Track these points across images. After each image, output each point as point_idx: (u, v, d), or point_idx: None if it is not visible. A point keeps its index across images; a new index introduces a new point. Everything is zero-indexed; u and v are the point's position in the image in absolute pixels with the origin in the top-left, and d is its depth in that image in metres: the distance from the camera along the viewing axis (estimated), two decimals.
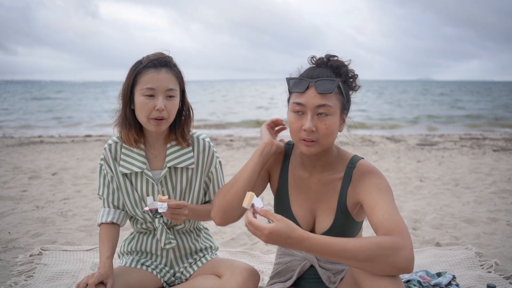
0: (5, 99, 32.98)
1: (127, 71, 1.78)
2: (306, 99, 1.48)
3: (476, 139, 9.39)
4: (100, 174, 1.89)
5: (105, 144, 1.89)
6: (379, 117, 17.27)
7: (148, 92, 1.71)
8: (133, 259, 1.93)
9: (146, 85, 1.71)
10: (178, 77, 1.78)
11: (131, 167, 1.84)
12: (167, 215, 1.71)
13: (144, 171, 1.83)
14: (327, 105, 1.46)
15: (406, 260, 1.29)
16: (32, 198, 4.16)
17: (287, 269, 1.77)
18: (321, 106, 1.46)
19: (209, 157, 1.91)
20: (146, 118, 1.73)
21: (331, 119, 1.48)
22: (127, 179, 1.86)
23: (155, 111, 1.71)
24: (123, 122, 1.80)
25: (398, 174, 5.39)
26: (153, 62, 1.73)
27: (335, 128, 1.50)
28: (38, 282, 2.25)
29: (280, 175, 1.72)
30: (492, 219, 3.44)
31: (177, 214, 1.71)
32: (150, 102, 1.71)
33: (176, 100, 1.77)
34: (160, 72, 1.72)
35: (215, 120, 16.14)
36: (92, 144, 8.68)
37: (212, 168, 1.92)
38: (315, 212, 1.66)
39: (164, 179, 1.85)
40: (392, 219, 1.38)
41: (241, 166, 6.69)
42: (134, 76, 1.74)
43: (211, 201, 1.97)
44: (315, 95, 1.47)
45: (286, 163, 1.71)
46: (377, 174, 1.53)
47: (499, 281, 2.23)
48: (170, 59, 1.78)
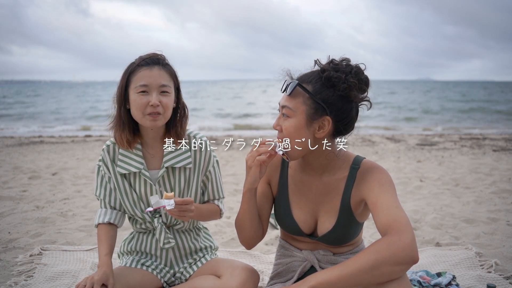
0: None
1: (121, 73, 1.79)
2: (280, 100, 1.55)
3: (476, 139, 9.39)
4: (98, 175, 1.89)
5: (103, 145, 1.89)
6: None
7: (141, 88, 1.72)
8: (133, 259, 1.93)
9: (139, 83, 1.72)
10: (171, 75, 1.80)
11: (128, 167, 1.84)
12: (174, 213, 1.67)
13: (141, 171, 1.83)
14: (287, 106, 1.50)
15: (407, 252, 1.30)
16: (32, 198, 4.16)
17: (288, 270, 1.77)
18: (283, 107, 1.51)
19: (206, 156, 1.91)
20: (141, 115, 1.73)
21: (290, 122, 1.49)
22: (126, 179, 1.86)
23: (149, 107, 1.72)
24: (117, 124, 1.80)
25: (398, 174, 5.39)
26: (145, 61, 1.76)
27: (295, 132, 1.49)
28: (38, 282, 2.24)
29: (279, 180, 1.72)
30: (492, 219, 3.44)
31: (184, 211, 1.68)
32: (144, 98, 1.72)
33: (171, 96, 1.78)
34: (152, 69, 1.74)
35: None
36: (92, 144, 8.69)
37: (210, 167, 1.92)
38: (317, 214, 1.65)
39: (162, 179, 1.85)
40: (390, 214, 1.39)
41: (241, 166, 6.66)
42: (127, 76, 1.76)
43: (210, 200, 1.97)
44: (284, 96, 1.52)
45: (285, 168, 1.71)
46: (379, 169, 1.54)
47: (499, 281, 2.23)
48: (163, 57, 1.80)
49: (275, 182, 1.73)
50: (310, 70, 1.56)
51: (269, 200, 1.75)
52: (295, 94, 1.48)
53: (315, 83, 1.49)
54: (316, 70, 1.54)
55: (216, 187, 1.95)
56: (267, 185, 1.75)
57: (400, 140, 9.20)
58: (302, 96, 1.48)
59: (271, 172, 1.74)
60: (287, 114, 1.49)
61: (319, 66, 1.54)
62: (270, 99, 30.96)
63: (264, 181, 1.75)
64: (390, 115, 18.30)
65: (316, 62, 1.55)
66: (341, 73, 1.46)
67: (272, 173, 1.74)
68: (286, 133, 1.50)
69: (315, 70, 1.54)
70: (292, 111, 1.48)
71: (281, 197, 1.71)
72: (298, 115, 1.48)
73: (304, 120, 1.48)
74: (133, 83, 1.74)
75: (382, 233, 1.39)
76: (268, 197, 1.75)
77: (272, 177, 1.74)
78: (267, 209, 1.76)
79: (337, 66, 1.48)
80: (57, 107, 24.09)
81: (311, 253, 1.71)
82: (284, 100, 1.51)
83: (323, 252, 1.70)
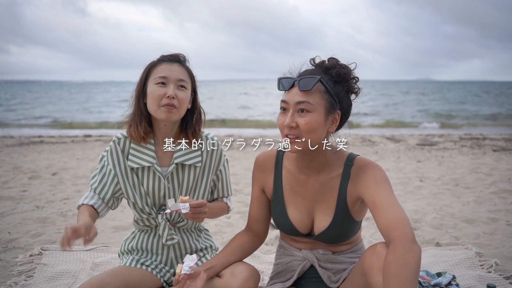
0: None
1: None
2: (289, 96, 1.52)
3: (476, 139, 9.39)
4: (100, 163, 1.90)
5: (113, 137, 1.90)
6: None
7: (160, 80, 1.76)
8: (132, 259, 1.93)
9: (158, 74, 1.77)
10: (190, 74, 1.85)
11: (140, 161, 1.84)
12: (189, 216, 1.70)
13: (153, 166, 1.84)
14: (307, 101, 1.48)
15: (419, 259, 1.31)
16: (32, 198, 4.16)
17: (287, 269, 1.78)
18: (301, 102, 1.49)
19: (217, 156, 1.94)
20: (157, 106, 1.75)
21: (311, 116, 1.48)
22: (134, 173, 1.87)
23: (165, 98, 1.74)
24: (134, 117, 1.83)
25: (398, 174, 5.40)
26: (167, 57, 1.82)
27: (316, 125, 1.49)
28: (38, 282, 2.24)
29: (273, 183, 1.73)
30: (492, 219, 3.44)
31: (198, 214, 1.70)
32: (161, 89, 1.75)
33: (188, 92, 1.81)
34: (173, 65, 1.80)
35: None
36: (92, 144, 8.69)
37: (221, 167, 1.96)
38: (314, 213, 1.66)
39: (171, 175, 1.87)
40: (390, 214, 1.40)
41: (241, 166, 6.65)
42: (147, 70, 1.82)
43: (218, 198, 2.01)
44: (297, 92, 1.50)
45: (279, 170, 1.72)
46: (374, 166, 1.55)
47: (499, 281, 2.23)
48: (184, 58, 1.86)
49: (269, 185, 1.74)
50: (304, 69, 1.59)
51: (265, 205, 1.78)
52: (313, 89, 1.50)
53: (327, 79, 1.52)
54: (317, 68, 1.57)
55: (225, 186, 2.00)
56: (260, 191, 1.77)
57: (400, 140, 9.20)
58: (319, 92, 1.50)
59: (264, 177, 1.75)
60: (307, 109, 1.48)
61: (318, 65, 1.57)
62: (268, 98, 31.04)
63: (258, 188, 1.77)
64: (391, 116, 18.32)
65: (311, 61, 1.60)
66: (347, 70, 1.54)
67: (265, 177, 1.74)
68: (306, 128, 1.48)
69: (315, 68, 1.57)
70: (313, 106, 1.48)
71: (276, 199, 1.72)
72: (318, 110, 1.49)
73: (324, 113, 1.51)
74: (152, 75, 1.79)
75: (384, 234, 1.40)
76: (263, 203, 1.78)
77: (265, 182, 1.75)
78: (265, 215, 1.79)
79: (342, 64, 1.55)
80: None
81: (311, 252, 1.72)
82: (301, 95, 1.49)
83: (323, 251, 1.70)
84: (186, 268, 1.55)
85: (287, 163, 1.71)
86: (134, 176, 1.87)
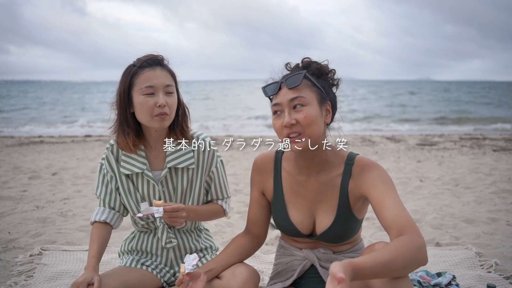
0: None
1: (120, 77, 1.77)
2: (280, 98, 1.53)
3: (476, 139, 9.39)
4: (100, 173, 1.89)
5: (107, 144, 1.89)
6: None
7: (148, 90, 1.71)
8: (133, 259, 1.93)
9: (144, 84, 1.71)
10: (172, 75, 1.81)
11: (131, 167, 1.84)
12: (165, 219, 1.71)
13: (144, 172, 1.83)
14: (300, 96, 1.50)
15: (425, 254, 1.30)
16: (32, 198, 4.16)
17: (288, 269, 1.77)
18: (294, 98, 1.50)
19: (209, 157, 1.91)
20: (149, 117, 1.73)
21: (308, 109, 1.50)
22: (129, 179, 1.87)
23: (157, 108, 1.71)
24: (120, 128, 1.79)
25: (398, 174, 5.40)
26: (147, 62, 1.75)
27: (315, 116, 1.50)
28: (38, 282, 2.24)
29: (273, 185, 1.72)
30: (492, 219, 3.44)
31: (175, 218, 1.70)
32: (150, 100, 1.71)
33: (175, 96, 1.79)
34: (156, 70, 1.74)
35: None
36: (92, 144, 8.69)
37: (213, 168, 1.92)
38: (315, 213, 1.66)
39: (164, 179, 1.86)
40: (402, 216, 1.39)
41: (241, 166, 6.64)
42: (129, 78, 1.74)
43: (213, 200, 1.97)
44: (287, 91, 1.52)
45: (278, 172, 1.72)
46: (377, 166, 1.56)
47: (499, 281, 2.23)
48: (162, 58, 1.81)
49: (269, 188, 1.74)
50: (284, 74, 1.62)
51: (264, 208, 1.78)
52: (301, 84, 1.52)
53: (310, 74, 1.56)
54: (296, 67, 1.61)
55: (219, 187, 1.95)
56: (260, 193, 1.77)
57: (400, 140, 9.20)
58: (307, 86, 1.53)
59: (263, 179, 1.74)
60: (302, 103, 1.50)
61: (295, 67, 1.62)
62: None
63: (257, 190, 1.77)
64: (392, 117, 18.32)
65: (287, 66, 1.64)
66: (323, 65, 1.60)
67: (265, 180, 1.74)
68: (306, 122, 1.49)
69: (295, 68, 1.62)
70: (306, 99, 1.50)
71: (277, 201, 1.71)
72: (312, 102, 1.51)
73: (318, 105, 1.53)
74: (137, 85, 1.73)
75: (390, 230, 1.38)
76: (263, 205, 1.77)
77: (265, 184, 1.75)
78: (264, 217, 1.78)
79: (316, 61, 1.60)
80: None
81: (311, 252, 1.72)
82: (292, 93, 1.51)
83: (323, 251, 1.70)
84: (189, 267, 1.55)
85: (286, 165, 1.71)
86: (129, 182, 1.87)
